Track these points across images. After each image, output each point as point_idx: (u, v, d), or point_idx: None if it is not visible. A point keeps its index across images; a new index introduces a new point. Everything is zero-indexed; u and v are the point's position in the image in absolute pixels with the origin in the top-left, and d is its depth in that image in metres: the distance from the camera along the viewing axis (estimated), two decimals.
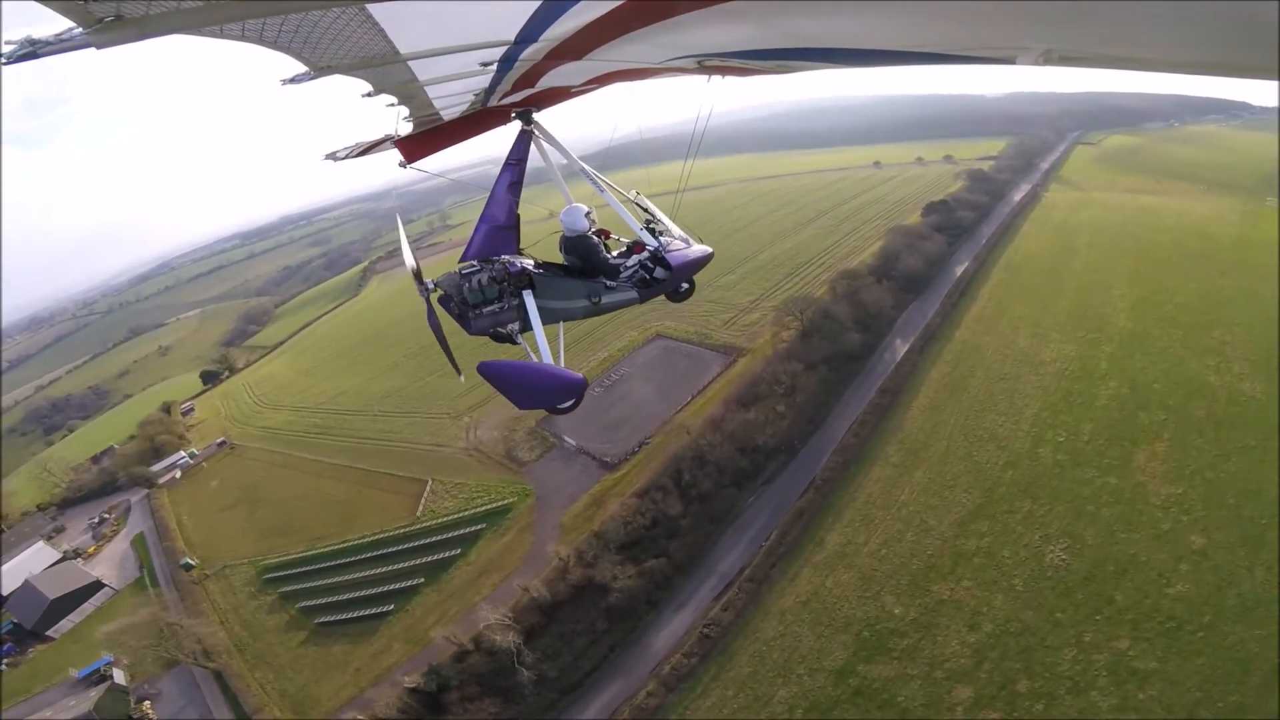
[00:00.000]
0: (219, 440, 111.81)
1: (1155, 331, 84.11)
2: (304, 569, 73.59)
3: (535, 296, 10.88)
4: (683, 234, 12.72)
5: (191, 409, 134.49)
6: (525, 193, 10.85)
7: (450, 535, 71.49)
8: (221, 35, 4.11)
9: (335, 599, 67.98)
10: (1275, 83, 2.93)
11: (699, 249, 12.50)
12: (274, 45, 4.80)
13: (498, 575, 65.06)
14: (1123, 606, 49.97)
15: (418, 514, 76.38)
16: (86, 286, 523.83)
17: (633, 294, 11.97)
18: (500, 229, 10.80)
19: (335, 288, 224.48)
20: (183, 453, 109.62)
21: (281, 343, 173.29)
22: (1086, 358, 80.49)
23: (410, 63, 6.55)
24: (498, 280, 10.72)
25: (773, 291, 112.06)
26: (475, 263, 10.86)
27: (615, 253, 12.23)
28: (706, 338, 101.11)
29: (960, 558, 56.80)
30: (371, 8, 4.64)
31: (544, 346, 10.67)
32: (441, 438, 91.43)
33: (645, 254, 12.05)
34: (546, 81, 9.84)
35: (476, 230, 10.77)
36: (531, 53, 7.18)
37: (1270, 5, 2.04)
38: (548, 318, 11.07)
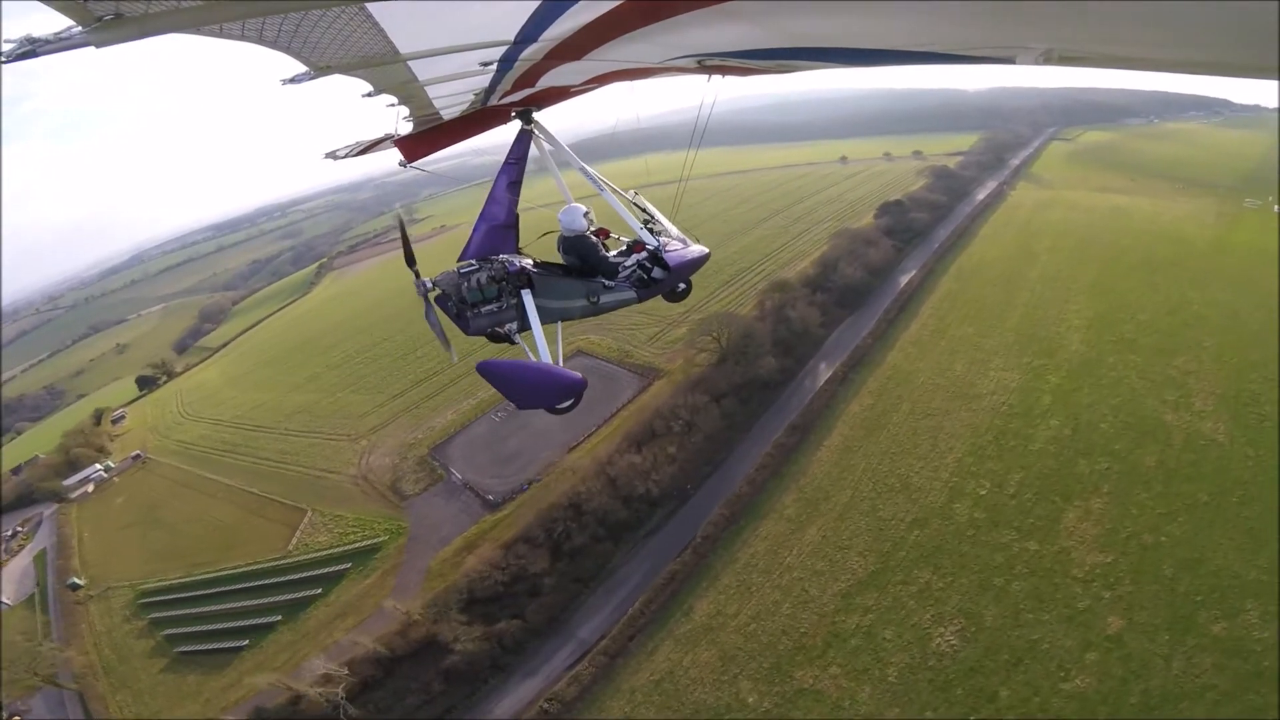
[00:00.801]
0: (134, 454, 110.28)
1: (1110, 358, 78.71)
2: (177, 595, 73.46)
3: (534, 296, 11.12)
4: (680, 234, 13.16)
5: (123, 416, 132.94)
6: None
7: (315, 573, 70.23)
8: (221, 34, 4.18)
9: (198, 629, 68.17)
10: (1275, 82, 2.92)
11: (697, 249, 12.94)
12: (273, 45, 4.90)
13: (353, 619, 63.44)
14: (1005, 705, 44.76)
15: (289, 547, 75.14)
16: (58, 279, 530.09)
17: (631, 294, 12.33)
18: (499, 228, 11.03)
19: (291, 285, 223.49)
20: (98, 465, 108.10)
21: (224, 345, 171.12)
22: (1028, 390, 74.95)
23: (410, 63, 6.72)
24: (496, 279, 10.98)
25: (705, 302, 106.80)
26: (474, 262, 11.10)
27: (614, 252, 12.65)
28: (627, 357, 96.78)
29: (835, 638, 51.77)
30: (371, 7, 4.72)
31: (543, 346, 10.87)
32: (335, 463, 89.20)
33: (644, 254, 12.47)
34: (546, 81, 10.08)
35: (476, 229, 11.00)
36: (531, 52, 7.34)
37: (1270, 5, 2.10)
38: (546, 317, 11.34)
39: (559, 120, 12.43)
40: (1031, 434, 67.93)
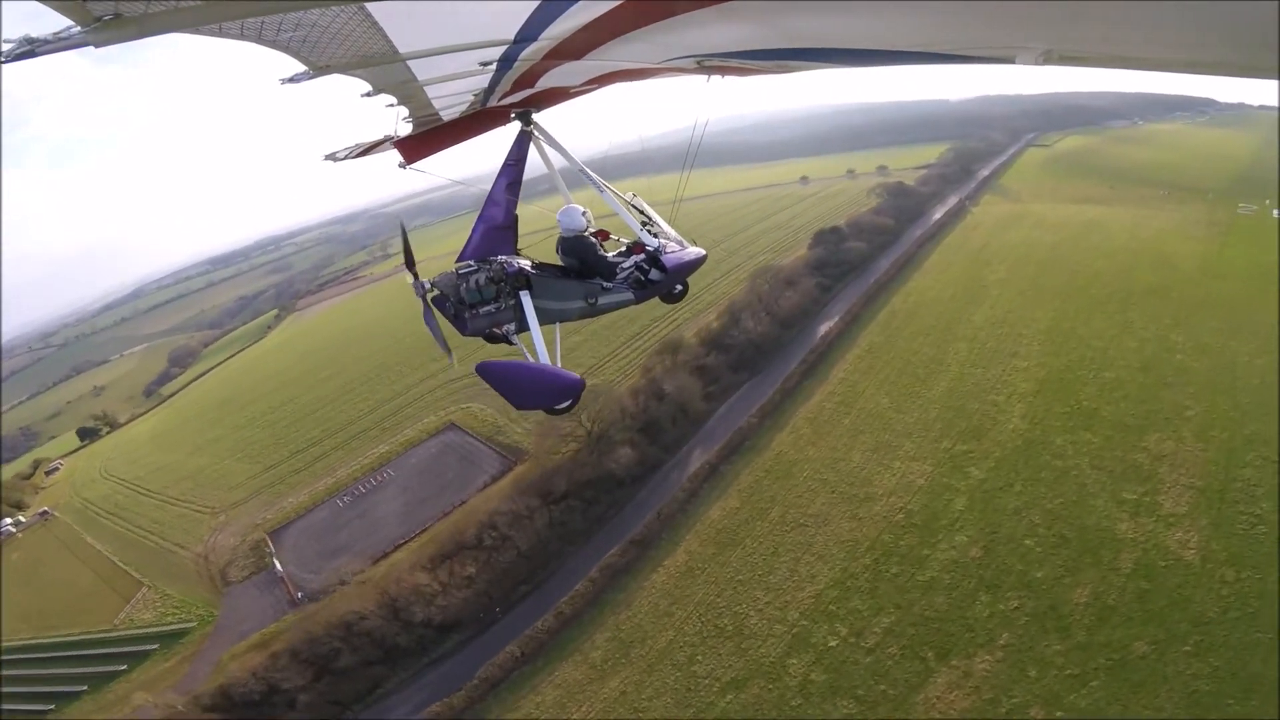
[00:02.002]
0: (42, 510, 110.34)
1: (1059, 439, 66.73)
2: (12, 657, 74.26)
3: (532, 297, 11.60)
4: (678, 236, 13.56)
5: (57, 468, 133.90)
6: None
7: (128, 649, 71.60)
8: (220, 34, 4.32)
9: (16, 690, 69.98)
10: (1274, 82, 2.82)
11: (694, 251, 13.37)
12: (273, 44, 5.07)
13: (141, 701, 62.77)
14: None
15: (116, 620, 76.38)
16: (65, 310, 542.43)
17: (628, 295, 12.71)
18: (498, 229, 11.58)
19: (256, 328, 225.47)
20: (8, 520, 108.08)
21: (172, 395, 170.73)
22: (939, 489, 63.48)
23: (409, 62, 6.99)
24: (495, 280, 11.43)
25: (606, 361, 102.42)
26: (472, 263, 11.57)
27: (613, 253, 13.11)
28: (498, 433, 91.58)
29: None
30: (370, 7, 4.93)
31: (541, 348, 11.31)
32: (188, 537, 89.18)
33: (642, 255, 12.86)
34: (546, 81, 10.49)
35: (474, 230, 11.57)
36: (531, 52, 7.67)
37: (1270, 5, 2.14)
38: (545, 318, 11.81)
39: (558, 127, 12.78)
40: (926, 556, 56.71)
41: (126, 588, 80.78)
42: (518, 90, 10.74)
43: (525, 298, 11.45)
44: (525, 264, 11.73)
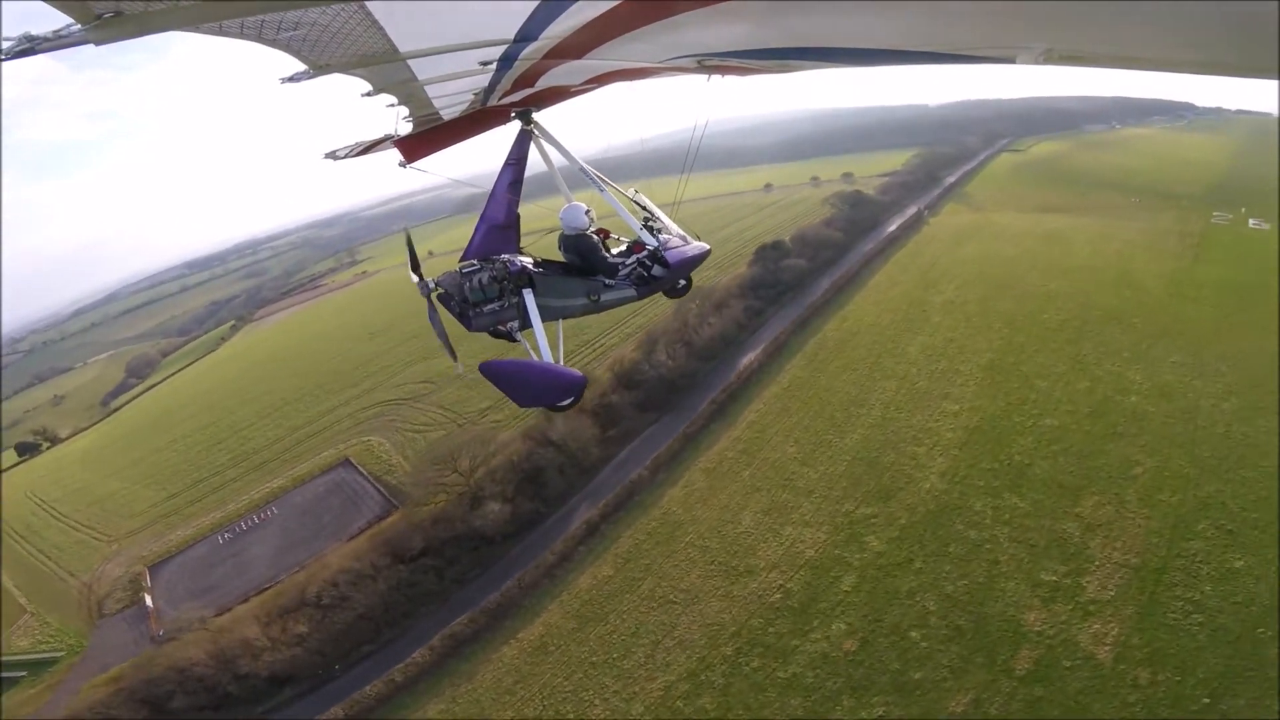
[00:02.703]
0: None
1: (978, 505, 59.89)
2: None
3: (535, 295, 12.05)
4: (680, 232, 13.93)
5: None
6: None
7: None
8: (220, 33, 4.51)
9: None
10: (1258, 85, 2.91)
11: (696, 246, 13.72)
12: (273, 43, 5.32)
13: None
14: None
15: None
16: (37, 317, 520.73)
17: (631, 291, 13.12)
18: (500, 228, 11.93)
19: (214, 339, 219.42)
20: None
21: (117, 409, 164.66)
22: (828, 564, 57.58)
23: (409, 61, 7.28)
24: (498, 279, 11.86)
25: (500, 404, 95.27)
26: (475, 262, 11.99)
27: (615, 251, 13.53)
28: (388, 472, 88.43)
29: None
30: (371, 6, 5.10)
31: (544, 345, 11.82)
32: (80, 566, 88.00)
33: (645, 252, 13.18)
34: (546, 81, 10.86)
35: (476, 229, 11.94)
36: (531, 51, 7.99)
37: (1270, 5, 2.21)
38: (547, 316, 12.26)
39: (558, 127, 13.27)
40: (794, 648, 51.18)
41: (12, 613, 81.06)
42: (518, 89, 11.15)
43: (528, 296, 11.92)
44: (528, 262, 12.22)
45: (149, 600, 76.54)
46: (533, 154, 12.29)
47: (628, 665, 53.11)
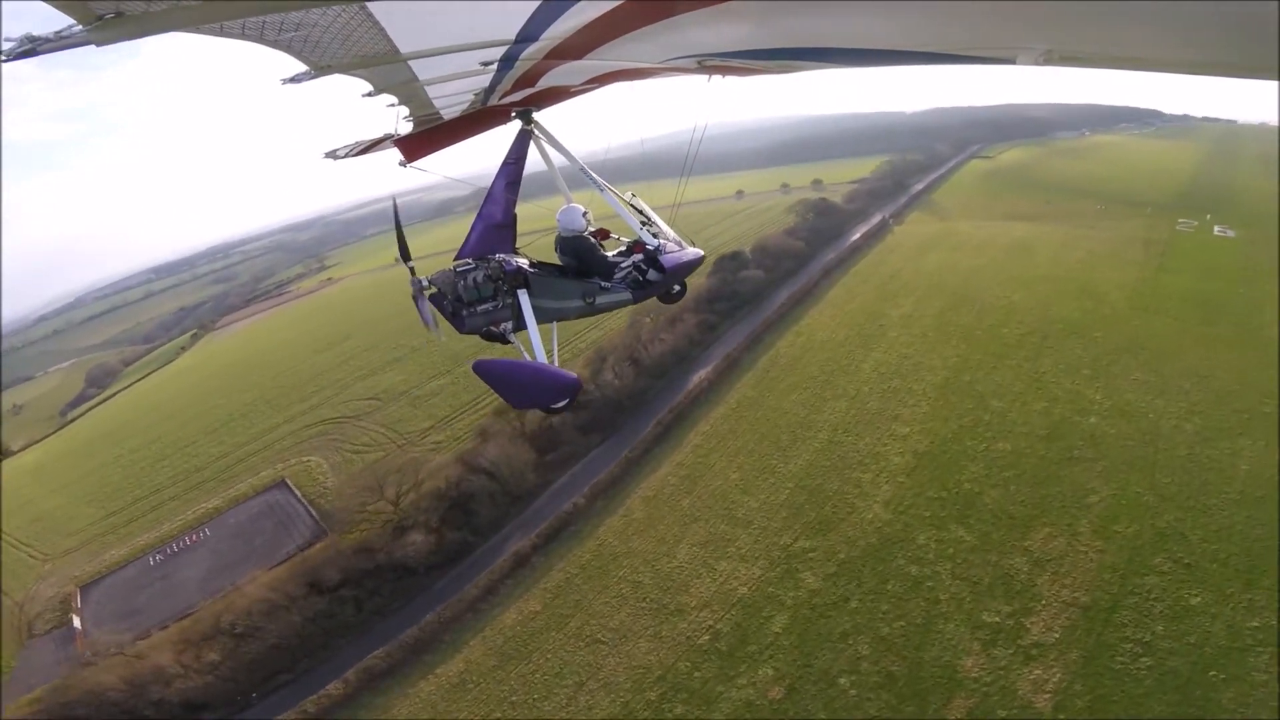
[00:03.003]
0: None
1: (921, 538, 57.29)
2: None
3: (530, 296, 12.11)
4: (676, 236, 14.05)
5: None
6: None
7: None
8: (221, 33, 4.54)
9: None
10: (1274, 82, 2.88)
11: (692, 251, 13.82)
12: (274, 44, 5.36)
13: None
14: None
15: None
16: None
17: (626, 295, 13.25)
18: (496, 227, 12.03)
19: (174, 348, 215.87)
20: None
21: (70, 422, 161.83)
22: (760, 603, 55.02)
23: (410, 62, 7.39)
24: (493, 279, 11.93)
25: (454, 417, 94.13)
26: (470, 261, 12.04)
27: (613, 253, 13.77)
28: (322, 495, 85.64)
29: None
30: (372, 7, 5.17)
31: (538, 346, 11.77)
32: (15, 583, 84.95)
33: (641, 255, 13.38)
34: (547, 81, 10.96)
35: (473, 228, 12.06)
36: (532, 52, 8.12)
37: (1270, 5, 2.22)
38: (542, 317, 12.33)
39: (558, 126, 13.49)
40: (719, 694, 48.97)
41: None
42: (518, 89, 11.29)
43: (523, 296, 11.99)
44: (523, 263, 12.28)
45: (77, 622, 75.06)
46: (532, 153, 12.50)
47: (548, 708, 51.20)
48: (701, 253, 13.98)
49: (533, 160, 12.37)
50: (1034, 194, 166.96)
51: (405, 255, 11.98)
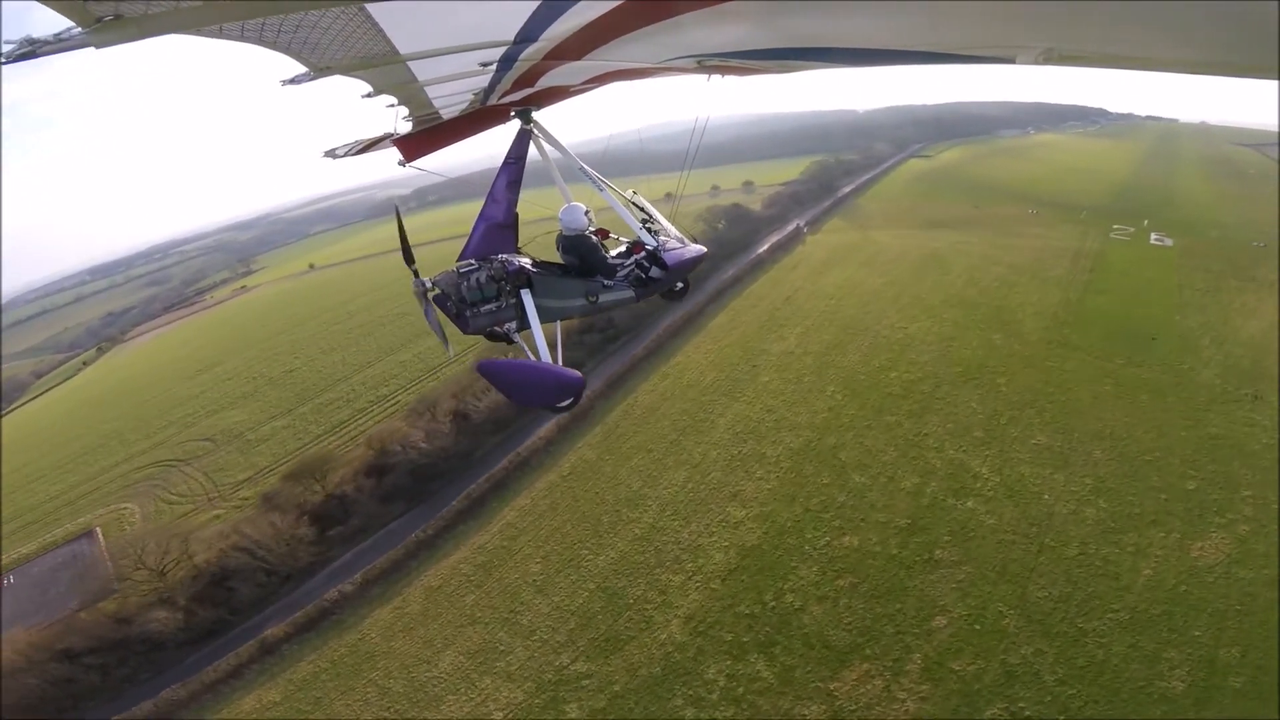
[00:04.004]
0: None
1: (710, 670, 49.12)
2: None
3: (533, 295, 12.37)
4: (678, 234, 14.55)
5: None
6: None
7: None
8: (221, 35, 4.62)
9: None
10: (1274, 82, 2.98)
11: (694, 248, 14.33)
12: (273, 46, 5.50)
13: None
14: None
15: None
16: None
17: (629, 293, 13.56)
18: (498, 227, 12.25)
19: (78, 363, 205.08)
20: None
21: None
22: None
23: (410, 63, 7.58)
24: (496, 279, 12.15)
25: (274, 468, 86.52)
26: (473, 261, 12.29)
27: (614, 252, 14.16)
28: (124, 550, 76.45)
29: None
30: (371, 8, 5.30)
31: (542, 346, 12.08)
32: None
33: (643, 253, 13.79)
34: (546, 81, 11.34)
35: (475, 228, 12.27)
36: (531, 52, 8.27)
37: (1270, 5, 2.28)
38: (545, 317, 12.65)
39: (558, 126, 13.79)
40: None
41: None
42: (518, 89, 11.57)
43: (526, 296, 12.24)
44: (526, 262, 12.52)
45: None
46: (532, 151, 12.74)
47: None
48: (703, 249, 14.46)
49: (532, 158, 12.56)
50: (967, 196, 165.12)
51: (409, 259, 12.06)
